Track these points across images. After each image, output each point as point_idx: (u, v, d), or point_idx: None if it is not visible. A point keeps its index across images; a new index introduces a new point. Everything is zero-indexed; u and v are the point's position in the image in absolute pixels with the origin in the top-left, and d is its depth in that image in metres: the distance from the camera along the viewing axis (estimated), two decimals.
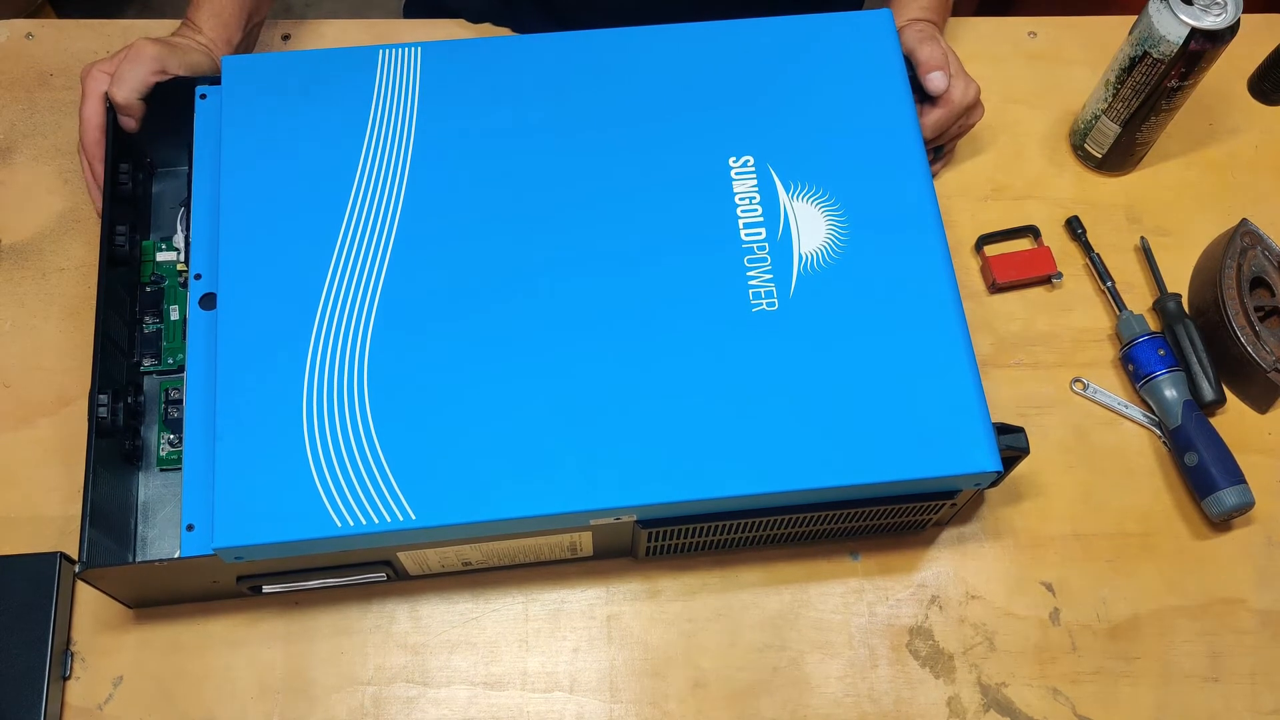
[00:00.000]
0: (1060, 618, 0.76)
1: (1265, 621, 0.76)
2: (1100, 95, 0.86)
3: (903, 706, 0.73)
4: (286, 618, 0.73)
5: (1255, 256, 0.83)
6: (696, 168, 0.73)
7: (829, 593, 0.76)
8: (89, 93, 0.76)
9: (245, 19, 0.83)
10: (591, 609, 0.74)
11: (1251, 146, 0.93)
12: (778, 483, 0.65)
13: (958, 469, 0.65)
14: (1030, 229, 0.87)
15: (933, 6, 0.86)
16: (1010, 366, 0.83)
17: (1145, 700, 0.74)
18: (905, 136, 0.74)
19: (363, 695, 0.71)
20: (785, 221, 0.71)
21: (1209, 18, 0.77)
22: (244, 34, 0.83)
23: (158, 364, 0.75)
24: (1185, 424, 0.78)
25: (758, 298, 0.69)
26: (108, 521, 0.68)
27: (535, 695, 0.72)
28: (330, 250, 0.69)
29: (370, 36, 0.93)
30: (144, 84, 0.75)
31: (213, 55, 0.80)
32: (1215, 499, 0.76)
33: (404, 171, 0.72)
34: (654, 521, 0.67)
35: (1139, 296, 0.86)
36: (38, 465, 0.76)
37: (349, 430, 0.64)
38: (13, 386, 0.78)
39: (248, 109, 0.73)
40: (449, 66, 0.75)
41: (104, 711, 0.70)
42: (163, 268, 0.78)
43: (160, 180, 0.82)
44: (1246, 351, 0.80)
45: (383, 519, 0.63)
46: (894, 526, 0.74)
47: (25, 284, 0.82)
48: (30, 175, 0.86)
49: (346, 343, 0.67)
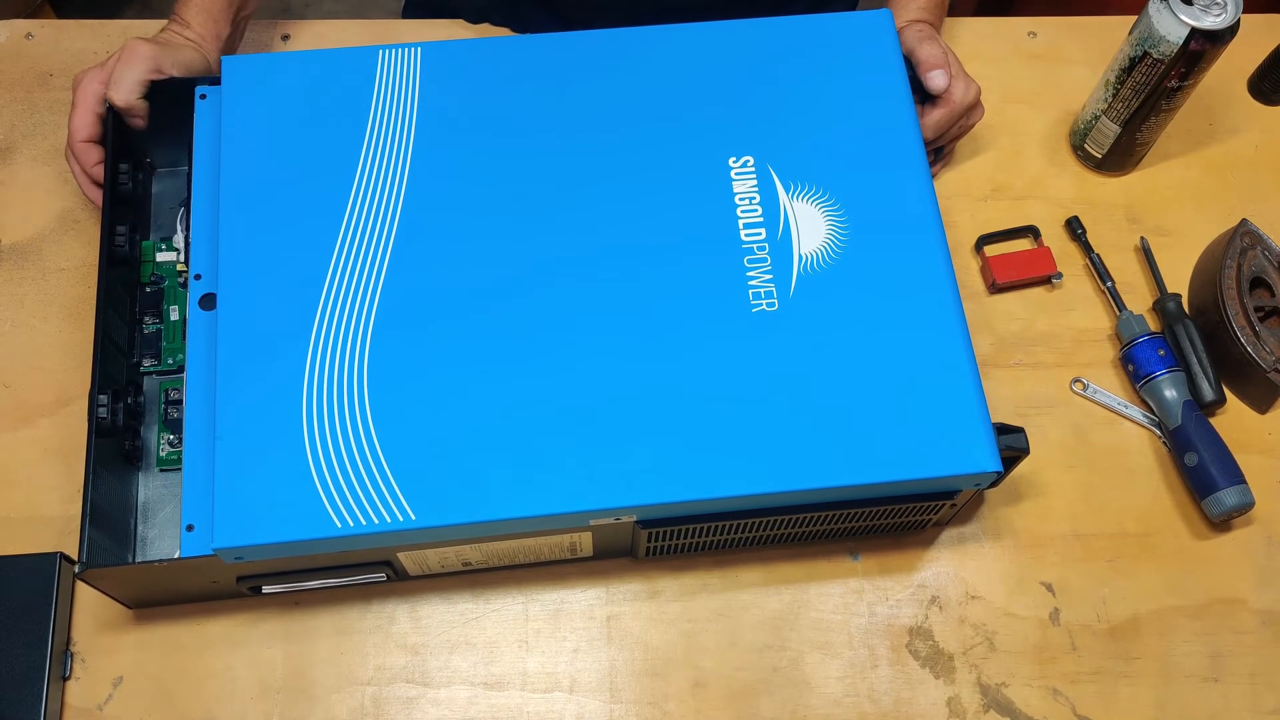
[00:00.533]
0: (1060, 618, 0.76)
1: (1265, 621, 0.76)
2: (1100, 95, 0.86)
3: (903, 707, 0.73)
4: (286, 618, 0.73)
5: (1255, 256, 0.83)
6: (696, 168, 0.73)
7: (829, 593, 0.76)
8: (79, 102, 0.76)
9: (233, 12, 0.83)
10: (591, 609, 0.74)
11: (1251, 146, 0.93)
12: (777, 483, 0.65)
13: (958, 469, 0.65)
14: (1030, 229, 0.87)
15: (930, 7, 0.86)
16: (1010, 366, 0.83)
17: (1145, 700, 0.74)
18: (905, 137, 0.74)
19: (363, 695, 0.71)
20: (785, 222, 0.71)
21: (1209, 18, 0.77)
22: (233, 28, 0.83)
23: (158, 364, 0.75)
24: (1185, 424, 0.78)
25: (758, 298, 0.69)
26: (108, 521, 0.68)
27: (535, 695, 0.72)
28: (330, 250, 0.69)
29: (370, 36, 0.93)
30: (141, 84, 0.75)
31: (202, 50, 0.80)
32: (1215, 499, 0.76)
33: (404, 171, 0.72)
34: (654, 522, 0.67)
35: (1139, 296, 0.86)
36: (38, 465, 0.76)
37: (349, 430, 0.64)
38: (13, 386, 0.78)
39: (248, 109, 0.73)
40: (449, 66, 0.75)
41: (104, 712, 0.70)
42: (163, 268, 0.78)
43: (160, 180, 0.82)
44: (1246, 351, 0.80)
45: (382, 519, 0.63)
46: (894, 526, 0.74)
47: (25, 284, 0.82)
48: (30, 175, 0.86)
49: (346, 343, 0.67)
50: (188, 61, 0.78)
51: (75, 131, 0.76)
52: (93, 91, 0.75)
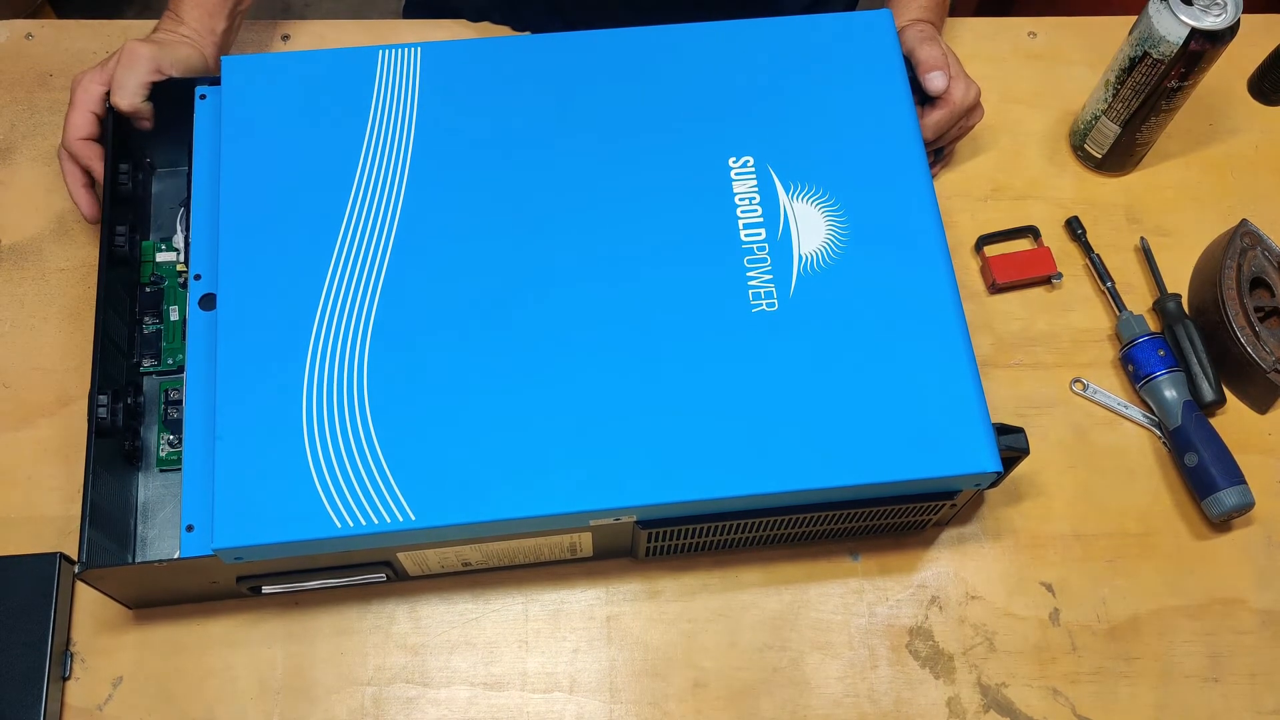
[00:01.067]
0: (1060, 618, 0.76)
1: (1265, 621, 0.76)
2: (1100, 95, 0.86)
3: (903, 707, 0.73)
4: (286, 618, 0.73)
5: (1255, 256, 0.83)
6: (696, 168, 0.73)
7: (829, 593, 0.76)
8: (78, 102, 0.75)
9: (230, 5, 0.82)
10: (591, 609, 0.74)
11: (1251, 146, 0.93)
12: (778, 483, 0.65)
13: (958, 469, 0.65)
14: (1030, 229, 0.87)
15: (931, 7, 0.86)
16: (1010, 366, 0.83)
17: (1145, 700, 0.74)
18: (905, 137, 0.74)
19: (363, 695, 0.72)
20: (785, 222, 0.71)
21: (1209, 18, 0.77)
22: (230, 21, 0.82)
23: (157, 364, 0.75)
24: (1185, 424, 0.78)
25: (758, 298, 0.69)
26: (108, 522, 0.68)
27: (535, 696, 0.72)
28: (330, 250, 0.69)
29: (370, 36, 0.93)
30: (144, 86, 0.75)
31: (199, 46, 0.80)
32: (1215, 499, 0.76)
33: (404, 172, 0.72)
34: (654, 522, 0.67)
35: (1139, 297, 0.86)
36: (38, 465, 0.76)
37: (348, 431, 0.64)
38: (13, 386, 0.78)
39: (248, 109, 0.73)
40: (449, 67, 0.75)
41: (104, 712, 0.70)
42: (163, 268, 0.78)
43: (160, 180, 0.82)
44: (1246, 352, 0.80)
45: (382, 519, 0.63)
46: (894, 527, 0.74)
47: (25, 284, 0.82)
48: (30, 175, 0.86)
49: (346, 343, 0.67)
50: (186, 59, 0.78)
51: (72, 129, 0.75)
52: (92, 92, 0.75)
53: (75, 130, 0.75)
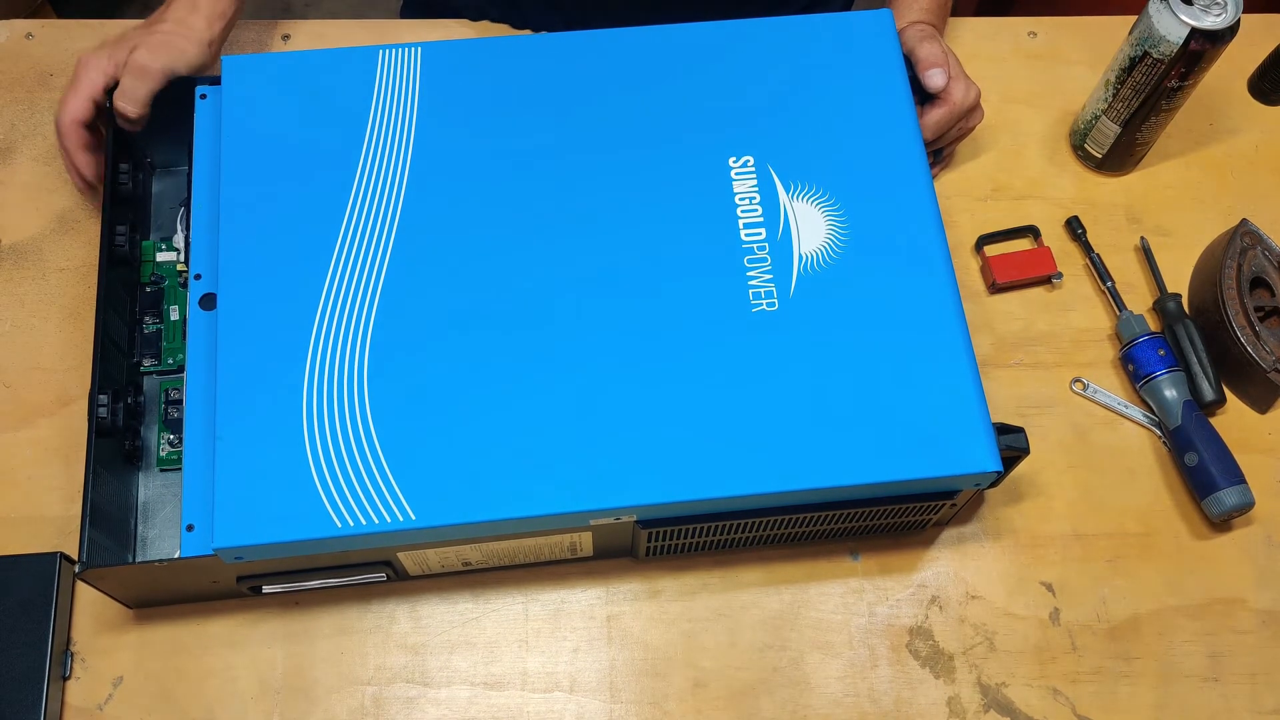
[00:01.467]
0: (1060, 618, 0.76)
1: (1265, 621, 0.76)
2: (1100, 95, 0.86)
3: (903, 706, 0.73)
4: (286, 618, 0.73)
5: (1255, 256, 0.83)
6: (696, 168, 0.73)
7: (829, 593, 0.76)
8: (80, 85, 0.76)
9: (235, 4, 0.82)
10: (591, 609, 0.74)
11: (1251, 146, 0.93)
12: (777, 483, 0.65)
13: (958, 469, 0.65)
14: (1030, 229, 0.87)
15: (932, 8, 0.86)
16: (1010, 366, 0.83)
17: (1145, 700, 0.74)
18: (905, 137, 0.74)
19: (363, 695, 0.72)
20: (785, 221, 0.71)
21: (1209, 18, 0.77)
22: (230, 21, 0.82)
23: (158, 364, 0.75)
24: (1185, 424, 0.78)
25: (758, 298, 0.69)
26: (108, 521, 0.68)
27: (535, 695, 0.72)
28: (330, 250, 0.69)
29: (370, 36, 0.93)
30: (152, 95, 0.75)
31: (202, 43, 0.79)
32: (1215, 499, 0.76)
33: (404, 172, 0.72)
34: (654, 521, 0.67)
35: (1139, 296, 0.86)
36: (38, 465, 0.76)
37: (349, 430, 0.64)
38: (13, 386, 0.78)
39: (248, 109, 0.73)
40: (449, 67, 0.75)
41: (104, 712, 0.70)
42: (163, 268, 0.78)
43: (160, 180, 0.82)
44: (1246, 351, 0.80)
45: (383, 519, 0.63)
46: (894, 526, 0.74)
47: (25, 284, 0.82)
48: (30, 175, 0.86)
49: (346, 343, 0.67)
50: (194, 59, 0.78)
51: (67, 110, 0.76)
52: (96, 81, 0.76)
53: (71, 112, 0.76)
